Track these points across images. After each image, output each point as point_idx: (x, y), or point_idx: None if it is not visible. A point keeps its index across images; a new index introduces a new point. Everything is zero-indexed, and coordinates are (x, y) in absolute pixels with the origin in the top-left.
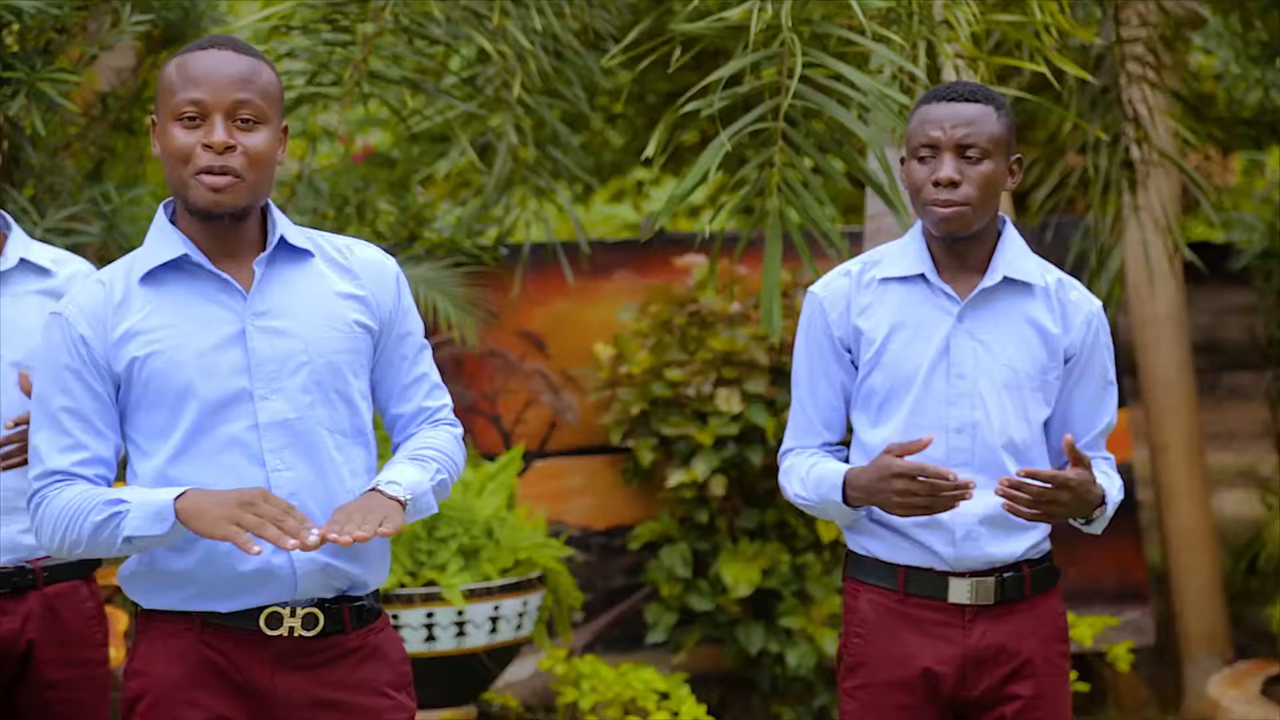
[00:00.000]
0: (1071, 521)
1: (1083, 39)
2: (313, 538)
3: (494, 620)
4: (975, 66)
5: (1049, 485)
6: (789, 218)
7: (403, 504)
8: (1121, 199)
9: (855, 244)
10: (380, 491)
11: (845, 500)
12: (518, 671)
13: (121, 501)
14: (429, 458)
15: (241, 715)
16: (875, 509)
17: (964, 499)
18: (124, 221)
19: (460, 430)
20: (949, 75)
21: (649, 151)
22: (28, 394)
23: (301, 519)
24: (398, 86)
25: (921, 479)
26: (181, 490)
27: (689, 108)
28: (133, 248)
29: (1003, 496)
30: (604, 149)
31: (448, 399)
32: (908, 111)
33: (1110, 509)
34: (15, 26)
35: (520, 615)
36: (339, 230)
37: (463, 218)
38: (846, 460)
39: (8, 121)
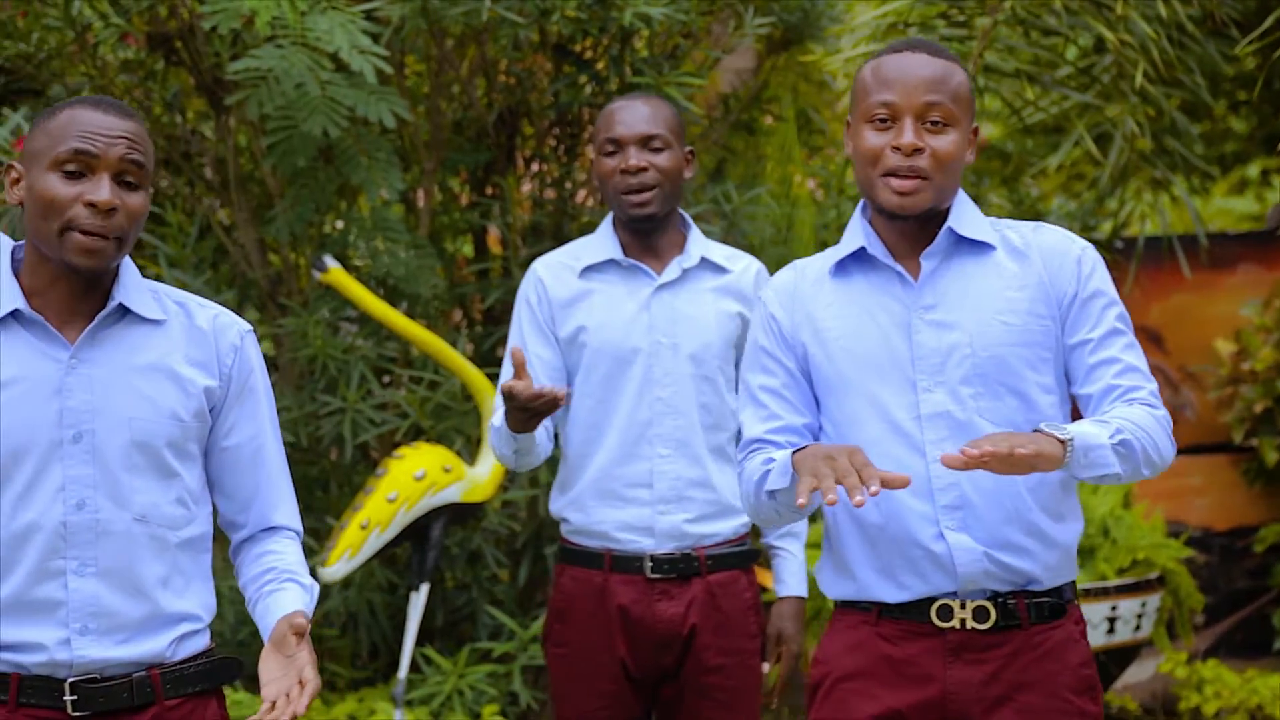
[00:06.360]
0: None
1: None
2: (871, 488)
3: (1111, 620)
4: None
5: None
6: None
7: (1064, 444)
8: None
9: None
10: (1044, 431)
11: None
12: (1137, 673)
13: (770, 460)
14: (1111, 419)
15: (914, 709)
16: None
17: None
18: (743, 220)
19: (1163, 413)
20: None
21: None
22: (518, 369)
23: (869, 476)
24: (1012, 79)
25: None
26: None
27: None
28: (750, 247)
29: None
30: (1225, 139)
31: (1147, 383)
32: None
33: None
34: (645, 33)
35: (1138, 616)
36: None
37: (1076, 211)
38: None
39: None
